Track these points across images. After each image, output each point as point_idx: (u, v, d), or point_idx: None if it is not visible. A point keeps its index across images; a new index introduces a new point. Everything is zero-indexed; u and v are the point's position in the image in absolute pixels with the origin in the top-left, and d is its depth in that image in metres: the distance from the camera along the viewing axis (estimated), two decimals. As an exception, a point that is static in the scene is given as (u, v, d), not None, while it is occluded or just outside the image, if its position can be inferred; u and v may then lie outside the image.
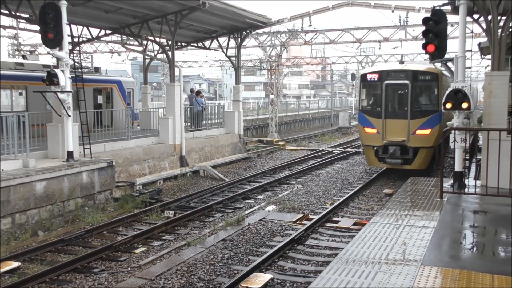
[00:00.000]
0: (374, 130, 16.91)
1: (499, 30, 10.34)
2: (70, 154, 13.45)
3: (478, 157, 13.12)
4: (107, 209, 13.50)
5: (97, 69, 24.02)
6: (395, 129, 16.52)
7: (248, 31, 24.66)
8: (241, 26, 23.28)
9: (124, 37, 23.98)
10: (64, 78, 13.07)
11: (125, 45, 24.51)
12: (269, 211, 12.96)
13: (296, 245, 10.10)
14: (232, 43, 25.02)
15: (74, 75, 14.36)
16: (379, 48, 33.31)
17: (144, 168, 17.00)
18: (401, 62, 17.86)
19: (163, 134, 18.96)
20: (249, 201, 14.61)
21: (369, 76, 17.22)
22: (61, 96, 13.19)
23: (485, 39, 11.95)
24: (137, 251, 9.97)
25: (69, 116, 13.47)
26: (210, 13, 18.90)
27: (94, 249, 9.79)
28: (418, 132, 16.14)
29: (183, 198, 14.43)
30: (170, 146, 18.77)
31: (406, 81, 16.30)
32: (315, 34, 29.93)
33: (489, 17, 10.51)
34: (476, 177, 11.58)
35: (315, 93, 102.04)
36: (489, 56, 11.06)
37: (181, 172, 18.04)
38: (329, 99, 60.49)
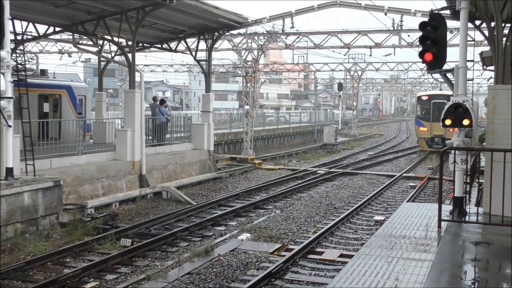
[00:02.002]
0: (426, 129, 32.29)
1: (504, 39, 10.63)
2: (9, 171, 13.21)
3: (480, 180, 13.39)
4: (52, 236, 13.26)
5: (43, 72, 23.74)
6: (438, 128, 28.09)
7: (221, 32, 24.82)
8: (213, 26, 23.41)
9: (77, 36, 23.78)
10: (5, 82, 12.89)
11: (77, 45, 24.26)
12: (242, 240, 12.94)
13: (273, 280, 10.08)
14: (202, 45, 25.12)
15: (16, 79, 14.18)
16: (370, 55, 33.90)
17: (97, 188, 16.80)
18: (440, 89, 35.04)
19: (120, 149, 18.81)
20: (220, 228, 14.57)
21: (423, 98, 34.02)
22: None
23: (488, 47, 12.27)
24: (88, 286, 9.81)
25: (10, 126, 13.25)
26: (178, 10, 18.98)
27: (36, 283, 9.59)
28: (451, 129, 27.56)
29: (142, 224, 14.29)
30: (128, 163, 18.63)
31: (445, 100, 30.97)
32: (298, 37, 30.27)
33: (492, 24, 10.81)
34: (478, 204, 11.79)
35: (296, 105, 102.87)
36: (492, 67, 11.35)
37: (141, 194, 17.91)
38: (313, 111, 61.03)
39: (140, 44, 24.57)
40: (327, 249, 12.33)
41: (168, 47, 25.36)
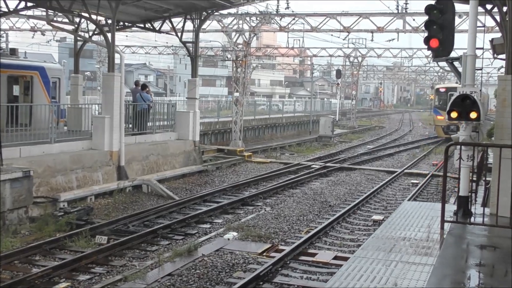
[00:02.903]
0: (442, 117, 36.93)
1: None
2: (-26, 159, 13.13)
3: (487, 178, 13.46)
4: (20, 232, 13.21)
5: (13, 52, 23.55)
6: None
7: (209, 12, 24.69)
8: (201, 5, 23.30)
9: (51, 12, 23.59)
10: (-30, 62, 12.79)
11: (51, 22, 24.09)
12: (229, 239, 12.94)
13: (261, 283, 10.09)
14: (189, 25, 25.03)
15: (-17, 58, 14.07)
16: (371, 40, 33.93)
17: (71, 180, 16.73)
18: (456, 82, 35.73)
19: (97, 137, 18.72)
20: (204, 226, 14.57)
21: (440, 89, 41.88)
22: (-35, 84, 12.90)
23: (499, 34, 12.30)
24: (59, 286, 9.77)
25: (-25, 110, 13.16)
26: (163, -14, 18.86)
27: (2, 283, 9.54)
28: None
29: (120, 220, 14.26)
30: (106, 153, 18.55)
31: None
32: (293, 19, 30.26)
33: (504, 9, 10.81)
34: (485, 204, 11.84)
35: (290, 92, 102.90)
36: (504, 56, 11.37)
37: (119, 187, 17.85)
38: (308, 100, 61.08)
39: (121, 23, 24.41)
40: (321, 250, 12.36)
41: (151, 27, 25.21)
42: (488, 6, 12.26)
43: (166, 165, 21.86)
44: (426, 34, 10.39)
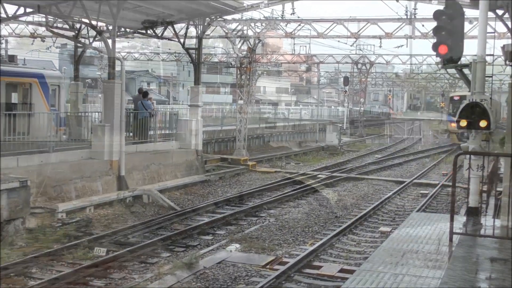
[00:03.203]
0: None
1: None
2: (-30, 169, 13.15)
3: (498, 189, 13.39)
4: (17, 243, 13.19)
5: (12, 58, 23.65)
6: None
7: (213, 17, 24.74)
8: (204, 11, 23.34)
9: (51, 18, 23.69)
10: (-33, 69, 12.84)
11: (51, 29, 24.19)
12: (231, 251, 12.92)
13: (264, 297, 10.06)
14: (192, 31, 25.08)
15: (-20, 65, 14.13)
16: (380, 46, 33.87)
17: (69, 190, 16.73)
18: (469, 90, 41.21)
19: (97, 146, 18.75)
20: (206, 237, 14.53)
21: (455, 98, 42.42)
22: (-39, 92, 12.95)
23: (511, 40, 12.29)
24: (55, 300, 9.78)
25: (-28, 118, 13.21)
26: (164, -9, 18.94)
27: (-3, 296, 9.54)
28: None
29: (119, 231, 14.26)
30: (106, 162, 18.56)
31: None
32: (299, 25, 30.25)
33: (516, 14, 10.81)
34: (496, 215, 11.78)
35: (297, 100, 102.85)
36: (515, 63, 11.33)
37: (119, 197, 17.85)
38: (315, 108, 61.08)
39: (122, 29, 24.48)
40: (326, 263, 12.31)
41: (153, 33, 25.24)
42: (499, 12, 12.27)
43: (167, 174, 21.84)
44: (435, 40, 10.39)
